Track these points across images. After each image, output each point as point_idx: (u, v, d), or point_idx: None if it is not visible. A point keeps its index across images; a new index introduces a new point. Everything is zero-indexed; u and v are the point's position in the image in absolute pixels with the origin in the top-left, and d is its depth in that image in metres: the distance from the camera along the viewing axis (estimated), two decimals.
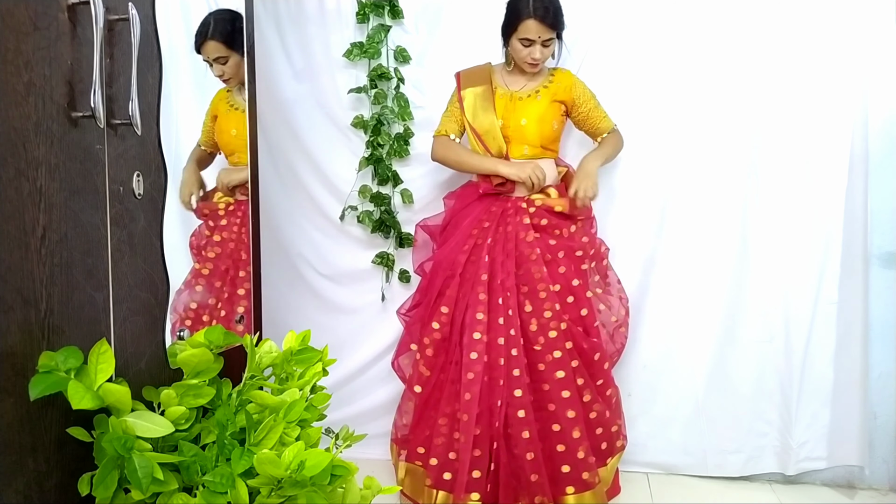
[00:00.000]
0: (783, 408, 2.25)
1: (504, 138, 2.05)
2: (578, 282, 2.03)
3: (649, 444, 2.34)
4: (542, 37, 1.94)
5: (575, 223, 2.06)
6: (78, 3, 1.04)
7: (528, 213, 2.03)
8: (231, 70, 1.69)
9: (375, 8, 2.31)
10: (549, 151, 2.09)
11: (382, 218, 2.40)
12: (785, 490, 2.26)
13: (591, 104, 2.09)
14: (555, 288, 1.99)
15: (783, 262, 2.21)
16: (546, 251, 2.01)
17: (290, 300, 2.48)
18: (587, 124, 2.12)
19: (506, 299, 1.97)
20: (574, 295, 2.02)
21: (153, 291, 1.29)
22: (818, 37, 2.14)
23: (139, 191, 1.22)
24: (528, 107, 2.04)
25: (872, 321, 2.18)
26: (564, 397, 1.95)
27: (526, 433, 1.92)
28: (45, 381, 0.93)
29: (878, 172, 2.16)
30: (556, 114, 2.05)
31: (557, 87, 2.06)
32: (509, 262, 1.99)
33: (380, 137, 2.36)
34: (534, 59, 1.97)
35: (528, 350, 1.97)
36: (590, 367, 2.02)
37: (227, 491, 1.06)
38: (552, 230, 2.04)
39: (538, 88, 2.06)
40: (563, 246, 2.03)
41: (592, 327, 2.04)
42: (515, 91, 2.06)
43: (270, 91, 2.35)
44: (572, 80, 2.09)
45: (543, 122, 2.03)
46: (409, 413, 2.12)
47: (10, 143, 0.92)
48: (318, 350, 1.31)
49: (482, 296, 1.97)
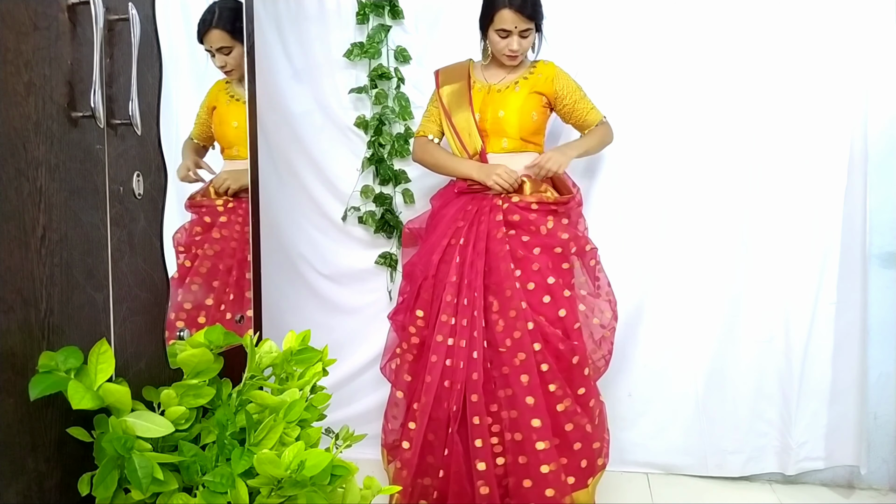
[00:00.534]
0: (783, 408, 2.25)
1: (481, 132, 1.98)
2: (554, 280, 1.90)
3: (649, 444, 2.34)
4: (519, 27, 1.89)
5: (553, 216, 1.95)
6: (78, 3, 1.04)
7: (502, 209, 1.94)
8: (234, 61, 1.66)
9: (375, 8, 2.31)
10: (531, 144, 2.01)
11: (385, 218, 2.40)
12: (785, 490, 2.26)
13: (576, 96, 2.01)
14: (529, 286, 1.89)
15: (783, 263, 2.21)
16: (518, 248, 1.91)
17: (290, 300, 2.48)
18: (573, 117, 2.04)
19: (471, 300, 1.89)
20: (550, 294, 1.90)
21: (153, 291, 1.29)
22: (818, 37, 2.14)
23: (139, 191, 1.22)
24: (506, 98, 1.97)
25: (872, 321, 2.18)
26: (528, 404, 1.81)
27: (479, 441, 1.82)
28: (45, 381, 0.93)
29: (877, 173, 2.15)
30: (535, 105, 1.98)
31: (538, 79, 1.99)
32: (479, 261, 1.91)
33: (381, 137, 2.36)
34: (511, 51, 1.92)
35: (494, 353, 1.88)
36: (567, 372, 1.88)
37: (227, 491, 1.06)
38: (526, 226, 1.94)
39: (517, 80, 1.99)
40: (538, 243, 1.92)
41: (572, 329, 1.90)
42: (494, 84, 2.00)
43: (270, 91, 2.35)
44: (554, 71, 2.01)
45: (522, 113, 1.96)
46: (396, 418, 2.07)
47: (10, 143, 0.92)
48: (318, 350, 1.31)
49: (449, 297, 1.90)
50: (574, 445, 1.87)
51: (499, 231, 1.92)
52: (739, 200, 2.23)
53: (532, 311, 1.87)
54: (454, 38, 2.28)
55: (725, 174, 2.23)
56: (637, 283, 2.30)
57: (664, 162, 2.26)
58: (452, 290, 1.91)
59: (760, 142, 2.20)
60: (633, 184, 2.29)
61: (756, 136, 2.20)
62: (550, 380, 1.86)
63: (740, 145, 2.21)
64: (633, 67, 2.25)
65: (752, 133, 2.20)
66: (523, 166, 1.97)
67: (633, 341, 2.33)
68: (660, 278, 2.30)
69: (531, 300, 1.89)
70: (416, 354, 2.00)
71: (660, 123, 2.25)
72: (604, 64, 2.25)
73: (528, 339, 1.85)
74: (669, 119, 2.24)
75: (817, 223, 2.18)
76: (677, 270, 2.29)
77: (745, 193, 2.22)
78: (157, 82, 1.29)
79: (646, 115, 2.25)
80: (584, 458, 1.89)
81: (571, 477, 1.86)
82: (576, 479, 1.87)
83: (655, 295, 2.31)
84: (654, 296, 2.31)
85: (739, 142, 2.21)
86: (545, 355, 1.86)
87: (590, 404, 1.93)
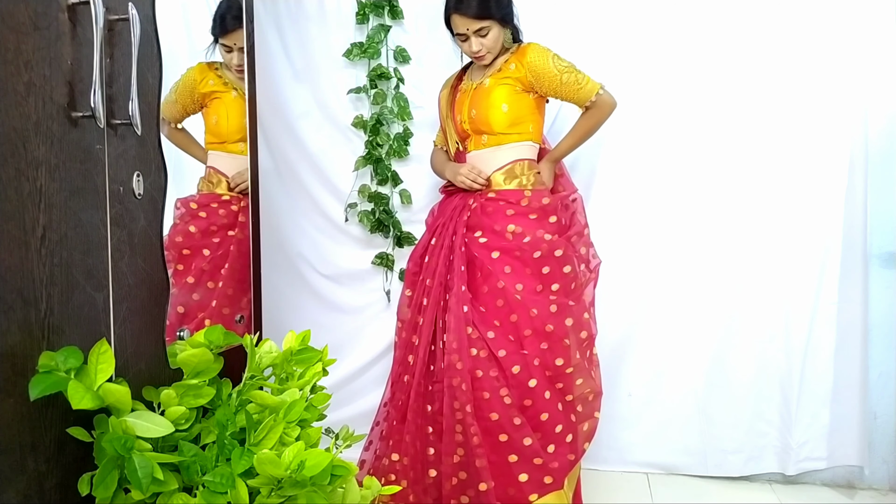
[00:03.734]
0: (783, 408, 2.25)
1: (466, 132, 1.98)
2: (522, 286, 1.84)
3: (649, 444, 2.34)
4: (472, 28, 1.85)
5: (514, 221, 1.88)
6: (78, 3, 1.04)
7: (470, 208, 1.94)
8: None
9: (375, 8, 2.31)
10: (514, 135, 1.92)
11: (381, 218, 2.40)
12: (785, 490, 2.26)
13: (559, 77, 1.87)
14: (498, 287, 1.84)
15: (783, 263, 2.21)
16: (476, 248, 1.90)
17: (290, 300, 2.48)
18: (562, 96, 1.92)
19: (429, 300, 1.91)
20: (520, 295, 1.84)
21: (153, 291, 1.29)
22: (818, 38, 2.14)
23: (139, 191, 1.22)
24: (478, 95, 1.94)
25: (872, 321, 2.19)
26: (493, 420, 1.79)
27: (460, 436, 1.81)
28: (45, 381, 0.93)
29: (877, 173, 2.16)
30: (505, 96, 1.89)
31: (509, 69, 1.91)
32: (442, 263, 1.92)
33: (378, 137, 2.36)
34: (473, 53, 1.89)
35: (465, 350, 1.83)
36: (556, 373, 1.85)
37: (227, 491, 1.06)
38: (489, 227, 1.90)
39: (492, 73, 1.93)
40: (497, 246, 1.88)
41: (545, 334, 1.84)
42: (475, 82, 1.98)
43: (270, 91, 2.35)
44: (527, 54, 1.89)
45: (491, 107, 1.90)
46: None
47: (10, 143, 0.92)
48: (318, 350, 1.31)
49: (425, 300, 1.94)
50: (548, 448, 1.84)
51: (464, 231, 1.92)
52: (740, 201, 2.23)
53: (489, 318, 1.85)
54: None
55: (726, 174, 2.23)
56: (637, 283, 2.30)
57: (666, 162, 2.26)
58: (423, 290, 1.95)
59: (761, 142, 2.20)
60: (634, 183, 2.29)
61: (757, 136, 2.20)
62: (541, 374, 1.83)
63: (741, 146, 2.21)
64: (634, 67, 2.25)
65: (752, 134, 2.20)
66: (505, 159, 1.93)
67: (633, 341, 2.33)
68: (660, 278, 2.30)
69: (488, 301, 1.86)
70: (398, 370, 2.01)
71: (662, 123, 2.25)
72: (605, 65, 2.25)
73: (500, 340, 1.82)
74: (671, 119, 2.25)
75: (818, 223, 2.18)
76: (678, 270, 2.29)
77: (746, 194, 2.22)
78: (157, 82, 1.29)
79: (647, 115, 2.25)
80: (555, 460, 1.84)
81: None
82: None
83: (656, 295, 2.31)
84: (654, 296, 2.31)
85: (740, 142, 2.21)
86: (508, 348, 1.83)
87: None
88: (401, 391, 1.95)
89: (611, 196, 2.30)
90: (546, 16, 2.20)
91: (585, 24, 2.26)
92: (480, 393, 1.81)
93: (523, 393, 1.82)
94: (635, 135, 2.26)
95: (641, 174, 2.28)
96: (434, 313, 1.90)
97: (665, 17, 2.22)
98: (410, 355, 1.95)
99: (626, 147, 2.27)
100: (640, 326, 2.32)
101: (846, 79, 2.13)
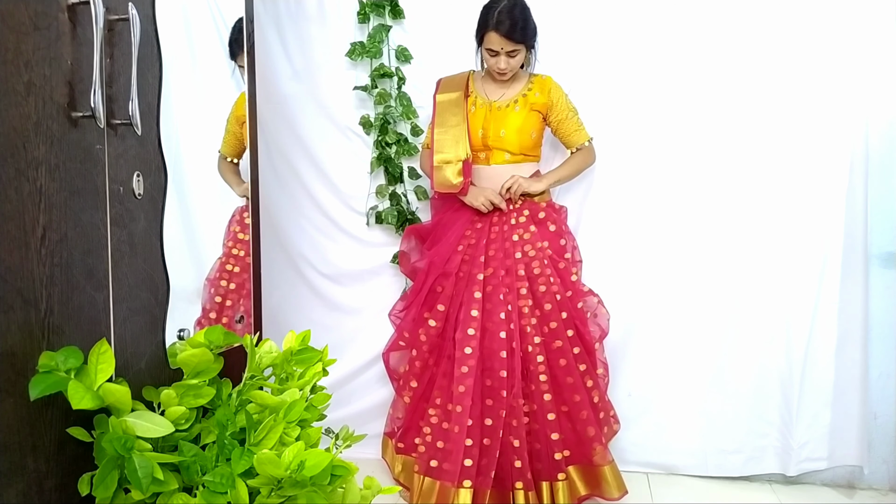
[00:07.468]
0: (783, 408, 2.25)
1: (485, 147, 2.11)
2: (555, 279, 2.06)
3: (649, 444, 2.34)
4: (506, 49, 1.99)
5: (538, 222, 2.11)
6: (78, 3, 1.04)
7: (514, 212, 2.10)
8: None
9: (376, 8, 2.31)
10: (530, 157, 2.15)
11: (405, 215, 2.41)
12: (785, 490, 2.26)
13: (565, 114, 2.12)
14: (553, 286, 2.05)
15: (783, 263, 2.21)
16: (529, 248, 2.08)
17: (290, 300, 2.48)
18: (559, 132, 2.16)
19: (506, 295, 2.01)
20: (572, 290, 2.09)
21: (153, 291, 1.29)
22: (818, 39, 2.14)
23: (139, 191, 1.22)
24: (506, 117, 2.09)
25: (872, 321, 2.18)
26: (569, 383, 2.01)
27: (514, 421, 1.97)
28: (45, 381, 0.93)
29: (878, 173, 2.16)
30: (534, 123, 2.10)
31: (534, 97, 2.10)
32: (508, 260, 2.04)
33: (387, 136, 2.36)
34: (499, 69, 2.03)
35: (528, 343, 2.02)
36: (591, 355, 2.08)
37: (227, 491, 1.06)
38: (527, 228, 2.10)
39: (517, 98, 2.10)
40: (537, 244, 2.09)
41: (584, 316, 2.11)
42: (494, 101, 2.11)
43: (270, 91, 2.35)
44: (550, 85, 2.12)
45: (522, 133, 2.09)
46: (403, 407, 2.17)
47: (10, 143, 0.92)
48: (318, 350, 1.31)
49: (478, 294, 2.02)
50: (599, 414, 2.08)
51: (515, 233, 2.09)
52: (741, 201, 2.23)
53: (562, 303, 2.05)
54: (454, 38, 2.28)
55: (727, 175, 2.23)
56: (638, 283, 2.30)
57: (667, 161, 2.27)
58: (479, 287, 2.03)
59: (762, 143, 2.20)
60: (634, 183, 2.30)
61: (758, 139, 2.20)
62: (580, 360, 2.04)
63: (742, 147, 2.22)
64: (637, 71, 2.25)
65: (753, 135, 2.21)
66: (516, 175, 2.09)
67: (633, 341, 2.33)
68: (661, 278, 2.30)
69: (550, 298, 2.05)
70: (431, 346, 2.09)
71: (663, 126, 2.26)
72: (605, 66, 2.25)
73: (563, 328, 2.02)
74: (672, 122, 2.25)
75: (818, 224, 2.18)
76: (678, 271, 2.29)
77: (747, 194, 2.22)
78: (157, 82, 1.29)
79: (649, 118, 2.26)
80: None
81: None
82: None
83: (656, 295, 2.31)
84: (654, 296, 2.31)
85: (741, 143, 2.22)
86: (575, 340, 2.05)
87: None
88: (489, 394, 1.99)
89: (612, 194, 2.30)
90: (547, 16, 2.20)
91: (586, 26, 2.26)
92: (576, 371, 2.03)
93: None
94: (636, 138, 2.26)
95: (643, 173, 2.28)
96: (506, 306, 2.00)
97: (667, 22, 2.22)
98: (480, 351, 1.99)
99: (627, 149, 2.27)
100: (641, 327, 2.32)
101: (846, 81, 2.13)
